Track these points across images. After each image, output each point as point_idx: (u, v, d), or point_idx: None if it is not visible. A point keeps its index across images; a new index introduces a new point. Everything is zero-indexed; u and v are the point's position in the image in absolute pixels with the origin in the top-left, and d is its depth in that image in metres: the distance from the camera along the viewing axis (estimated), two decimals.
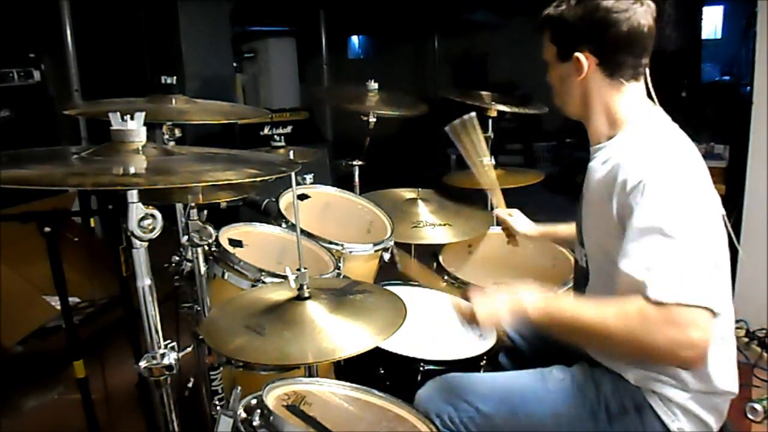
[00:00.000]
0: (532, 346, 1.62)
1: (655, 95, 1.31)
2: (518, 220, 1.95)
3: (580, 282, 1.41)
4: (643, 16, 1.20)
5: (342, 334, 1.18)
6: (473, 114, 2.07)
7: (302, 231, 1.58)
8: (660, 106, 1.31)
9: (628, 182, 1.14)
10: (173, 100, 1.68)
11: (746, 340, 2.69)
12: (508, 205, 2.04)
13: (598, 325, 1.09)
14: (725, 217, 1.22)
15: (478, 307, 1.20)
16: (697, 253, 1.07)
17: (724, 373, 1.24)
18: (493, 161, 2.21)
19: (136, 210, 0.99)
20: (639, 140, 1.21)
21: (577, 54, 1.24)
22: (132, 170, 1.02)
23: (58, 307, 2.09)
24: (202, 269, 1.46)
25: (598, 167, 1.27)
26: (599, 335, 1.11)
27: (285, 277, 1.27)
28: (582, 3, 1.22)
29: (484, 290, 1.24)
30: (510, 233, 1.98)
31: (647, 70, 1.29)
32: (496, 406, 1.30)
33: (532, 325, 1.22)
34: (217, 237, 1.69)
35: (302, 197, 2.10)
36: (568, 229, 1.81)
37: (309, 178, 2.19)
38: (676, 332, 1.03)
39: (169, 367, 1.11)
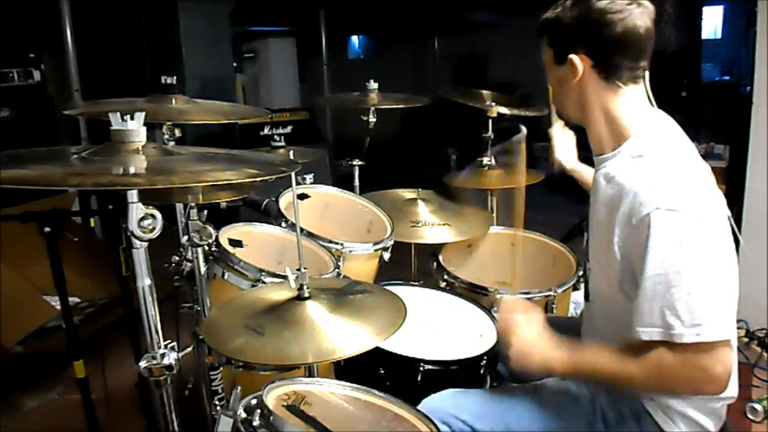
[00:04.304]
0: None
1: (655, 96, 1.29)
2: (564, 144, 1.88)
3: (588, 288, 1.41)
4: (640, 17, 1.17)
5: (342, 334, 1.18)
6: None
7: (302, 230, 1.58)
8: (659, 109, 1.29)
9: (633, 216, 1.12)
10: (173, 100, 1.68)
11: (746, 340, 2.69)
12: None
13: (622, 376, 1.15)
14: (733, 226, 1.22)
15: (514, 351, 1.26)
16: (710, 286, 1.07)
17: None
18: (494, 161, 2.21)
19: (136, 210, 0.99)
20: (643, 161, 1.18)
21: (571, 56, 1.22)
22: (132, 170, 1.02)
23: (58, 307, 2.09)
24: (202, 269, 1.46)
25: (603, 182, 1.25)
26: (625, 385, 1.19)
27: (285, 277, 1.27)
28: (577, 5, 1.20)
29: (523, 345, 1.27)
30: (550, 153, 1.91)
31: (646, 73, 1.26)
32: (491, 423, 1.29)
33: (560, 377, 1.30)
34: (217, 237, 1.69)
35: (302, 197, 2.10)
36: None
37: (309, 178, 2.19)
38: (695, 372, 1.07)
39: (169, 367, 1.11)
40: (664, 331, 1.07)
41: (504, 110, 2.35)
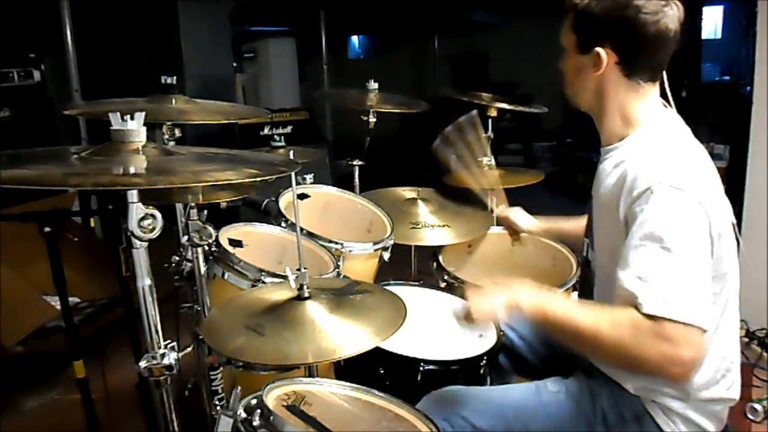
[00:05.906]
0: (532, 347, 1.62)
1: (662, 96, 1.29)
2: (520, 217, 1.96)
3: (587, 286, 1.40)
4: (672, 20, 1.16)
5: (342, 334, 1.18)
6: (475, 112, 2.06)
7: (302, 230, 1.58)
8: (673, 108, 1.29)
9: (635, 188, 1.12)
10: (173, 100, 1.68)
11: (746, 340, 2.69)
12: (509, 205, 2.03)
13: (590, 329, 1.10)
14: (736, 232, 1.21)
15: (473, 302, 1.21)
16: (695, 269, 1.07)
17: (727, 382, 1.24)
18: (493, 161, 2.21)
19: (136, 210, 0.99)
20: (650, 145, 1.19)
21: (597, 49, 1.20)
22: (132, 170, 1.02)
23: (58, 307, 2.09)
24: (202, 269, 1.46)
25: (608, 170, 1.25)
26: (589, 340, 1.11)
27: (285, 277, 1.27)
28: None
29: (481, 288, 1.25)
30: (513, 231, 1.98)
31: (664, 73, 1.26)
32: (491, 421, 1.29)
33: (525, 320, 1.22)
34: (217, 237, 1.69)
35: (302, 196, 2.10)
36: (571, 224, 1.80)
37: (309, 178, 2.19)
38: (667, 348, 1.03)
39: (169, 367, 1.10)
40: (632, 295, 1.06)
41: (504, 105, 2.35)
